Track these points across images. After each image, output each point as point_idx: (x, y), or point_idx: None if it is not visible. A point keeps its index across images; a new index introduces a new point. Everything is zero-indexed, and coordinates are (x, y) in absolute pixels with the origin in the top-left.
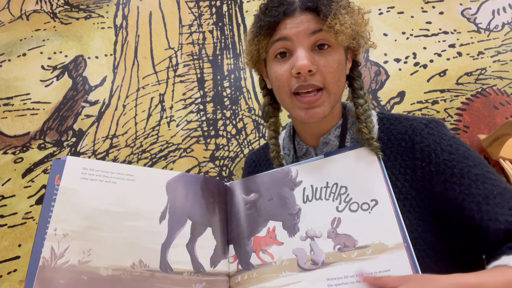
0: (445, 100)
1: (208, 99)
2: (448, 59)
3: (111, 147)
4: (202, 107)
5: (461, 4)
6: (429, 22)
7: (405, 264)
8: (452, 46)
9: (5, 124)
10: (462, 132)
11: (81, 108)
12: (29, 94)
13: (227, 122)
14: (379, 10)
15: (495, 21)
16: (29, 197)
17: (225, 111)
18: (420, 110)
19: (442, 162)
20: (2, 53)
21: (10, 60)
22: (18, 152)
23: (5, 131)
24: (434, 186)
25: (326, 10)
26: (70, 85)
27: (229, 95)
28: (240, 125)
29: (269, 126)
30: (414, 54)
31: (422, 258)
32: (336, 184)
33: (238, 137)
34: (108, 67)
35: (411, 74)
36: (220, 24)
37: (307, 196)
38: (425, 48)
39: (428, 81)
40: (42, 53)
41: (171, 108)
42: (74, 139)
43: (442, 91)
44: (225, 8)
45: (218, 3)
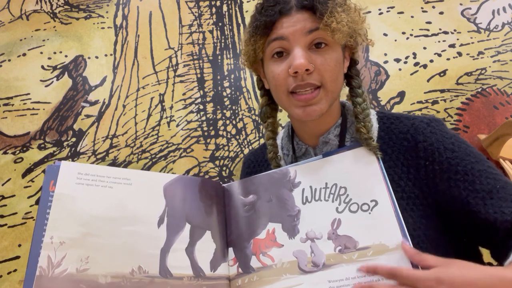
0: (445, 100)
1: (208, 99)
2: (448, 59)
3: (111, 147)
4: (202, 107)
5: (461, 4)
6: (429, 22)
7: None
8: (452, 46)
9: (5, 124)
10: (462, 132)
11: (81, 108)
12: (29, 94)
13: (227, 122)
14: (379, 10)
15: (495, 21)
16: (29, 197)
17: (225, 111)
18: (420, 110)
19: (446, 160)
20: (2, 53)
21: (10, 60)
22: (18, 152)
23: (5, 131)
24: (438, 184)
25: (323, 8)
26: (70, 85)
27: (229, 95)
28: (240, 125)
29: (266, 126)
30: (414, 54)
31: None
32: (335, 184)
33: (238, 137)
34: (108, 67)
35: (411, 74)
36: (220, 24)
37: (306, 197)
38: (425, 48)
39: (428, 81)
40: (42, 53)
41: (171, 108)
42: (74, 139)
43: (442, 91)
44: (225, 8)
45: (218, 3)
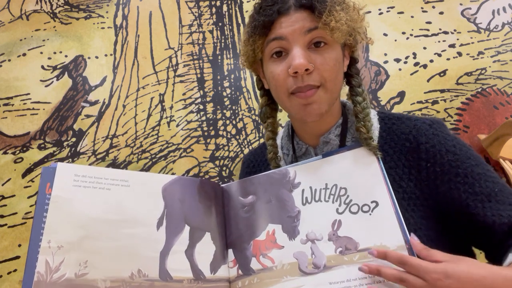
0: (445, 100)
1: (208, 99)
2: (448, 59)
3: (111, 147)
4: (202, 107)
5: (461, 4)
6: (429, 22)
7: None
8: (452, 46)
9: (5, 124)
10: (462, 132)
11: (81, 108)
12: (29, 94)
13: (227, 122)
14: (379, 10)
15: (495, 21)
16: (29, 197)
17: (225, 111)
18: (420, 110)
19: (447, 162)
20: (2, 53)
21: (10, 60)
22: (18, 152)
23: (5, 131)
24: (438, 186)
25: (321, 7)
26: (70, 85)
27: (229, 95)
28: (240, 125)
29: (266, 127)
30: (414, 54)
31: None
32: (335, 185)
33: (238, 137)
34: (108, 67)
35: (411, 74)
36: (220, 24)
37: (306, 198)
38: (425, 48)
39: (428, 81)
40: (42, 53)
41: (171, 108)
42: (74, 139)
43: (442, 91)
44: (225, 8)
45: (218, 3)
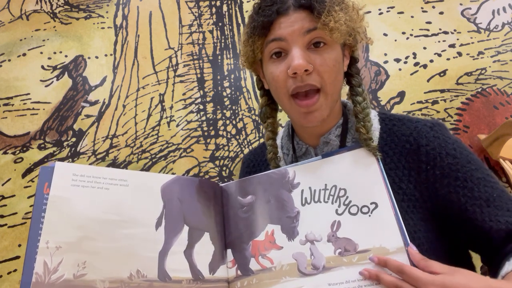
0: (445, 100)
1: (208, 99)
2: (448, 59)
3: (111, 147)
4: (202, 107)
5: (461, 4)
6: (429, 22)
7: None
8: (452, 46)
9: (5, 124)
10: (462, 132)
11: (81, 108)
12: (29, 94)
13: (227, 122)
14: (379, 10)
15: (495, 21)
16: (29, 197)
17: (225, 111)
18: (420, 110)
19: (447, 165)
20: (2, 53)
21: (10, 60)
22: (18, 152)
23: (5, 131)
24: (438, 189)
25: (320, 8)
26: (70, 85)
27: (229, 95)
28: (240, 125)
29: (266, 127)
30: (414, 54)
31: None
32: (335, 186)
33: (238, 137)
34: (108, 67)
35: (411, 74)
36: (220, 24)
37: (306, 198)
38: (425, 48)
39: (428, 81)
40: (42, 53)
41: (171, 108)
42: (74, 139)
43: (442, 91)
44: (225, 8)
45: (218, 3)
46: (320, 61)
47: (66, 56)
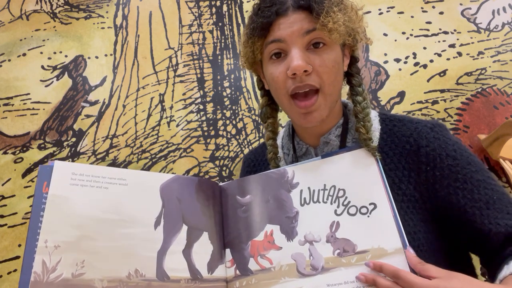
0: (445, 100)
1: (208, 99)
2: (448, 59)
3: (111, 147)
4: (202, 107)
5: (461, 4)
6: (429, 22)
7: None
8: (452, 46)
9: (5, 124)
10: (462, 132)
11: (81, 108)
12: (29, 94)
13: (227, 122)
14: (379, 10)
15: (495, 21)
16: (29, 197)
17: (225, 111)
18: (420, 110)
19: (447, 167)
20: (2, 53)
21: (10, 60)
22: (18, 152)
23: (5, 131)
24: (437, 190)
25: (319, 8)
26: (70, 85)
27: (229, 95)
28: (240, 125)
29: (266, 127)
30: (414, 54)
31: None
32: (333, 186)
33: (238, 137)
34: (108, 67)
35: (411, 74)
36: (220, 24)
37: (305, 198)
38: (425, 48)
39: (428, 81)
40: (42, 53)
41: (171, 108)
42: (74, 139)
43: (442, 91)
44: (225, 8)
45: (218, 3)
46: (319, 61)
47: (66, 56)
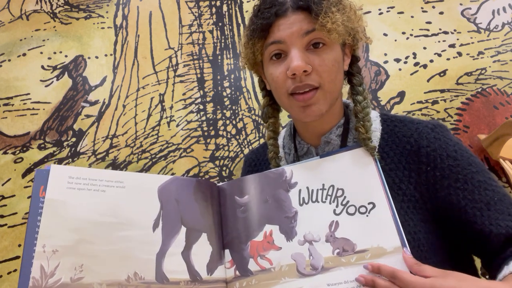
0: (445, 100)
1: (208, 99)
2: (448, 59)
3: (111, 147)
4: (202, 107)
5: (461, 4)
6: (429, 22)
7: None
8: (452, 46)
9: (5, 124)
10: (462, 132)
11: (81, 108)
12: (29, 94)
13: (227, 122)
14: (379, 10)
15: (495, 21)
16: (29, 197)
17: (225, 111)
18: (420, 110)
19: (447, 167)
20: (2, 53)
21: (10, 60)
22: (18, 152)
23: (5, 131)
24: (437, 190)
25: (317, 9)
26: (70, 85)
27: (229, 95)
28: (240, 125)
29: (267, 126)
30: (414, 54)
31: (425, 259)
32: (332, 186)
33: (238, 137)
34: (108, 67)
35: (411, 74)
36: (220, 24)
37: (303, 198)
38: (425, 48)
39: (428, 81)
40: (42, 53)
41: (171, 108)
42: (74, 139)
43: (442, 91)
44: (225, 8)
45: (218, 3)
46: (318, 61)
47: (66, 56)
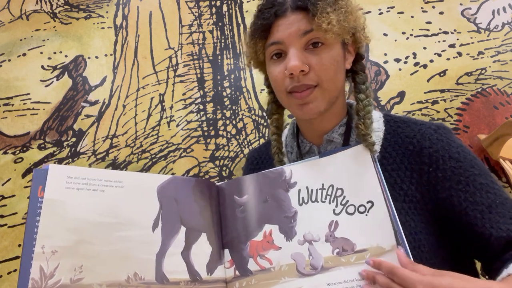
0: (445, 100)
1: (208, 99)
2: (448, 59)
3: (111, 147)
4: (202, 107)
5: (461, 4)
6: (429, 22)
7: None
8: (452, 46)
9: (5, 124)
10: (462, 132)
11: (81, 108)
12: (29, 94)
13: (227, 122)
14: (379, 10)
15: (495, 21)
16: (29, 197)
17: (225, 111)
18: (420, 110)
19: (449, 169)
20: (2, 53)
21: (10, 60)
22: (18, 152)
23: (5, 131)
24: (439, 192)
25: (314, 9)
26: (70, 85)
27: (229, 95)
28: (240, 125)
29: (271, 122)
30: (414, 54)
31: (426, 260)
32: (332, 186)
33: (238, 137)
34: (108, 67)
35: (411, 74)
36: (220, 24)
37: (303, 198)
38: (425, 48)
39: (428, 81)
40: (42, 53)
41: (171, 108)
42: (74, 139)
43: (442, 91)
44: (225, 8)
45: (218, 3)
46: (316, 61)
47: (66, 56)
